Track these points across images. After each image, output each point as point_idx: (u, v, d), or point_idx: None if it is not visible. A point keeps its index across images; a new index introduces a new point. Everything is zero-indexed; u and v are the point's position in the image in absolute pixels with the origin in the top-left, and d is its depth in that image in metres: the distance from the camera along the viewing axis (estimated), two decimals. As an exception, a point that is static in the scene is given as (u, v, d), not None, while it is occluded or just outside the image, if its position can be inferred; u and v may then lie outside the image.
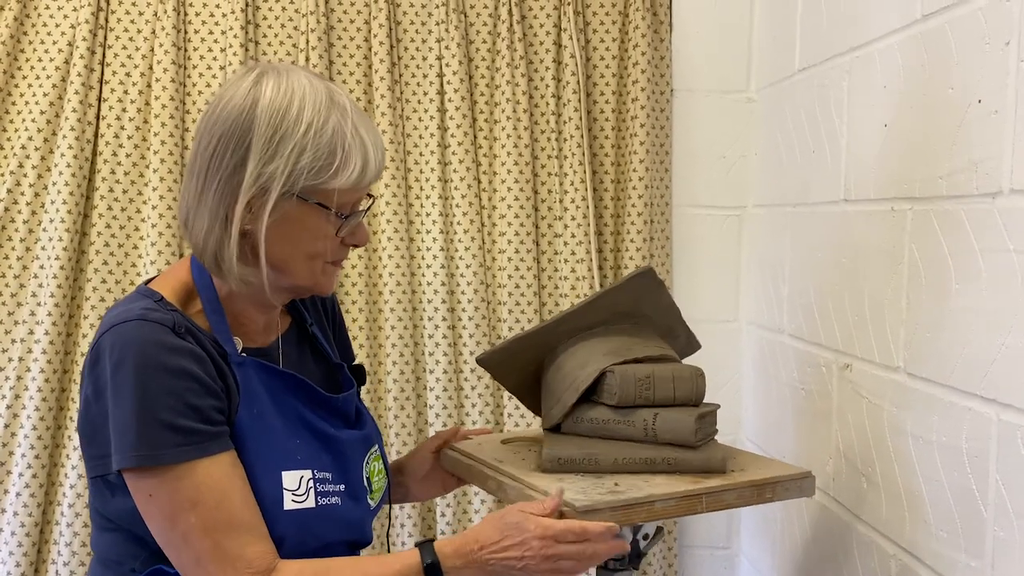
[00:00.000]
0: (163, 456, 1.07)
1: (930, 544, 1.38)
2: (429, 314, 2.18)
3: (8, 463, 2.06)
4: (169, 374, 1.08)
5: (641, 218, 2.19)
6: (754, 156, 2.25)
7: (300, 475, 1.17)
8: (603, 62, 2.23)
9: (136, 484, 1.09)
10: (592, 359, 1.43)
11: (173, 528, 1.09)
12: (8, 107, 2.13)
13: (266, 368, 1.20)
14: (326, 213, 1.16)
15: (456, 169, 2.18)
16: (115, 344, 1.09)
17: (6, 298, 2.10)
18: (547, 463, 1.37)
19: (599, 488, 1.31)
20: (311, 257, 1.19)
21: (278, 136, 1.11)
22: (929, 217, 1.39)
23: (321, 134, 1.12)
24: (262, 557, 1.11)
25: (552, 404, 1.44)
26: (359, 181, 1.16)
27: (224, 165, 1.13)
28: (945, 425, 1.34)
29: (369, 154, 1.16)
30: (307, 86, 1.14)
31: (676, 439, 1.39)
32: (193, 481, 1.08)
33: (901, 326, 1.47)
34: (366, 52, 2.19)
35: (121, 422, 1.07)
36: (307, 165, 1.12)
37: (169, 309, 1.14)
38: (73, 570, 2.02)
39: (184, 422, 1.08)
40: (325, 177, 1.13)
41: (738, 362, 2.30)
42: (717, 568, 2.34)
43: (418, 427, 2.19)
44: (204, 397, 1.10)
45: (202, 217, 1.15)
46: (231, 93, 1.15)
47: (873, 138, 1.59)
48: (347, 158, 1.14)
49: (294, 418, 1.21)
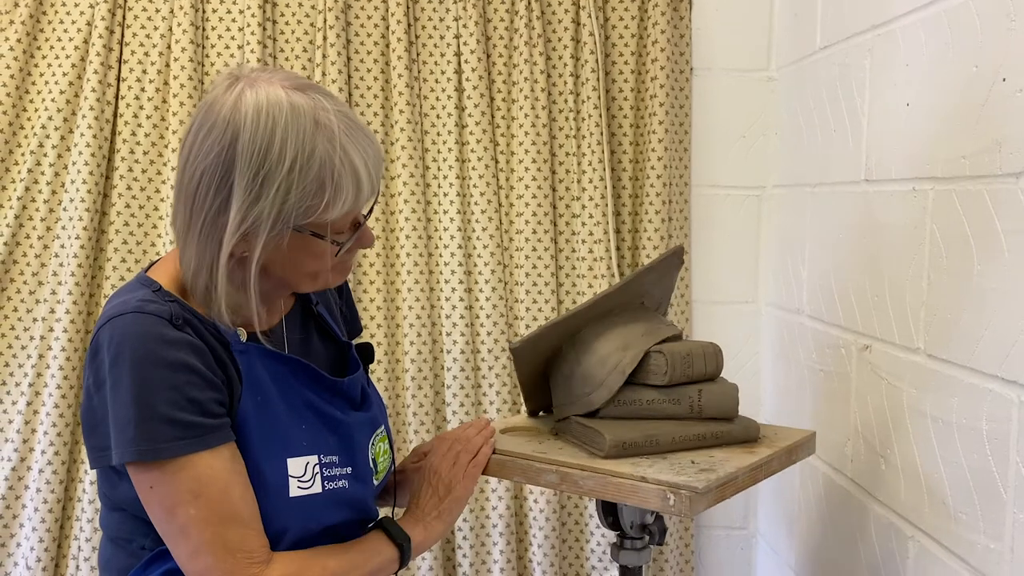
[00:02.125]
0: (162, 450, 1.06)
1: (949, 526, 1.37)
2: (447, 294, 2.18)
3: (31, 440, 2.09)
4: (167, 367, 1.07)
5: (660, 198, 2.18)
6: (774, 136, 2.23)
7: (306, 461, 1.17)
8: (622, 40, 2.21)
9: (137, 477, 1.10)
10: (632, 341, 1.43)
11: (172, 520, 1.09)
12: (26, 104, 2.14)
13: (270, 354, 1.19)
14: (322, 241, 1.13)
15: (474, 149, 2.17)
16: (113, 337, 1.07)
17: (24, 295, 2.12)
18: (612, 449, 1.34)
19: (686, 469, 1.30)
20: (313, 275, 1.18)
21: (261, 176, 1.05)
22: (951, 197, 1.38)
23: (307, 169, 1.06)
24: (261, 548, 1.12)
25: (590, 389, 1.42)
26: (353, 207, 1.12)
27: (208, 205, 1.08)
28: (965, 406, 1.33)
29: (361, 178, 1.10)
30: (287, 111, 1.06)
31: (720, 413, 1.44)
32: (193, 474, 1.08)
33: (922, 307, 1.46)
34: (383, 31, 2.18)
35: (120, 416, 1.06)
36: (295, 204, 1.07)
37: (167, 300, 1.12)
38: (95, 546, 2.05)
39: (183, 415, 1.07)
40: (317, 213, 1.08)
41: (757, 343, 2.30)
42: (734, 548, 2.35)
43: (435, 407, 2.19)
44: (203, 390, 1.09)
45: (189, 253, 1.11)
46: (212, 118, 1.08)
47: (895, 117, 1.57)
48: (337, 189, 1.08)
49: (299, 403, 1.20)
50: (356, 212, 1.15)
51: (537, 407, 1.61)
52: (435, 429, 2.18)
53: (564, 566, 2.24)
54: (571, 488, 1.35)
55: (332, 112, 1.09)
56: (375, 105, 2.18)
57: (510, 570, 2.18)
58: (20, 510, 2.09)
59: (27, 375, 2.10)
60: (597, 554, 2.22)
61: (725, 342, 2.26)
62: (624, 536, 1.49)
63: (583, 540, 2.24)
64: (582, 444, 1.41)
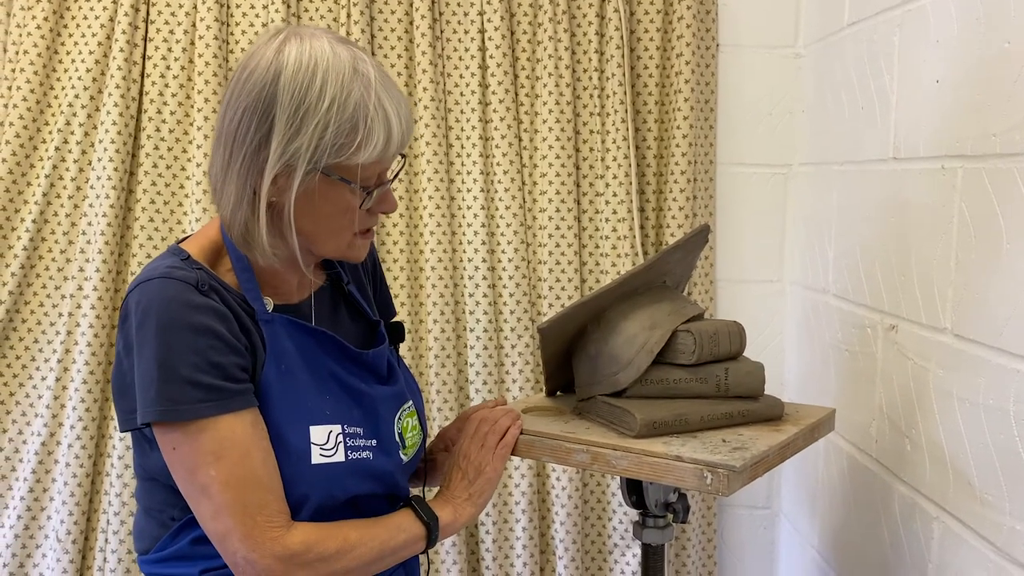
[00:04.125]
0: (184, 411, 1.09)
1: (974, 507, 1.36)
2: (470, 272, 2.18)
3: (60, 415, 2.12)
4: (191, 331, 1.09)
5: (684, 176, 2.17)
6: (801, 113, 2.21)
7: (329, 430, 1.18)
8: (647, 17, 2.19)
9: (161, 438, 1.12)
10: (659, 320, 1.43)
11: (194, 481, 1.11)
12: (53, 82, 2.15)
13: (295, 324, 1.21)
14: (350, 187, 1.15)
15: (497, 127, 2.17)
16: (140, 301, 1.11)
17: (53, 272, 2.14)
18: (643, 428, 1.34)
19: (719, 448, 1.31)
20: (338, 230, 1.19)
21: (301, 112, 1.10)
22: (981, 176, 1.36)
23: (344, 109, 1.10)
24: (282, 512, 1.13)
25: (617, 369, 1.41)
26: (383, 155, 1.14)
27: (249, 140, 1.12)
28: (992, 387, 1.32)
29: (392, 126, 1.14)
30: (330, 56, 1.11)
31: (747, 391, 1.45)
32: (215, 435, 1.10)
33: (949, 287, 1.45)
34: (407, 7, 2.17)
35: (144, 377, 1.09)
36: (330, 141, 1.11)
37: (195, 267, 1.15)
38: (124, 519, 2.08)
39: (205, 378, 1.09)
40: (348, 153, 1.12)
41: (782, 323, 2.28)
42: (756, 528, 2.35)
43: (459, 385, 2.20)
44: (226, 354, 1.11)
45: (229, 191, 1.15)
46: (255, 62, 1.13)
47: (924, 94, 1.55)
48: (369, 132, 1.12)
49: (324, 374, 1.22)
50: (384, 163, 1.18)
51: (556, 387, 1.61)
52: (458, 407, 2.19)
53: (586, 543, 2.25)
54: (603, 468, 1.34)
55: (371, 64, 1.14)
56: (399, 82, 2.17)
57: (532, 547, 2.19)
58: (50, 484, 2.12)
59: (56, 351, 2.13)
60: (619, 532, 2.23)
61: (750, 321, 2.26)
62: (647, 514, 1.49)
63: (605, 518, 2.25)
64: (609, 424, 1.41)
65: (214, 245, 1.21)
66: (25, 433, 2.14)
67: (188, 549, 1.18)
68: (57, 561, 2.09)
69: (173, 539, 1.19)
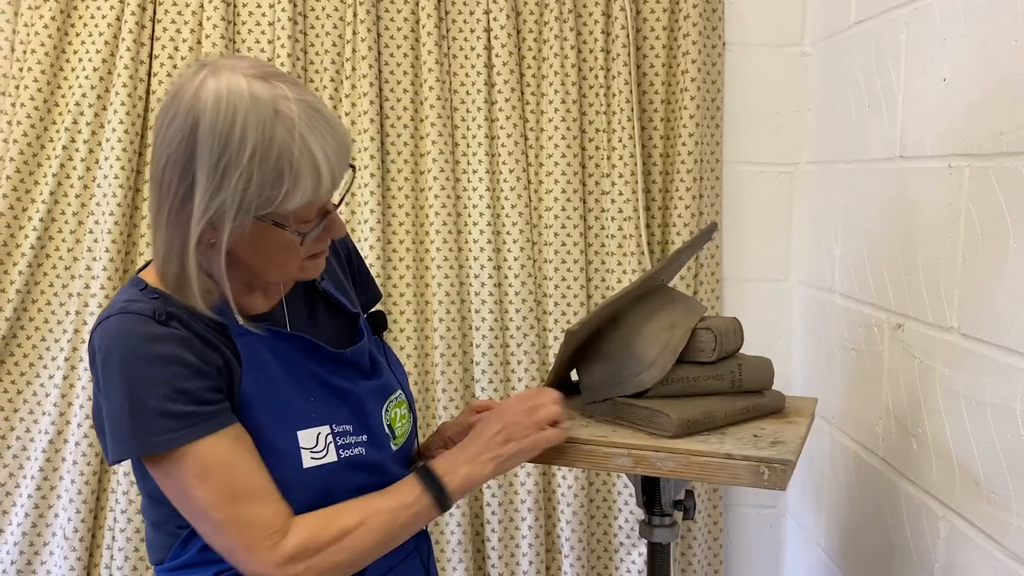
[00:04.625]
0: (159, 443, 1.09)
1: (980, 506, 1.36)
2: (475, 271, 2.18)
3: (67, 413, 2.12)
4: (153, 363, 1.09)
5: (691, 175, 2.17)
6: (808, 112, 2.20)
7: (316, 432, 1.18)
8: (653, 15, 2.19)
9: (150, 469, 1.14)
10: (677, 319, 1.43)
11: (189, 504, 1.13)
12: (60, 81, 2.15)
13: (270, 333, 1.20)
14: (286, 231, 1.13)
15: (503, 126, 2.17)
16: (101, 341, 1.11)
17: (60, 271, 2.15)
18: (680, 428, 1.34)
19: (760, 442, 1.32)
20: (283, 263, 1.17)
21: (222, 165, 1.05)
22: (988, 174, 1.35)
23: (266, 158, 1.06)
24: (277, 517, 1.13)
25: (640, 369, 1.40)
26: (314, 197, 1.10)
27: (174, 193, 1.09)
28: (999, 386, 1.31)
29: (321, 169, 1.08)
30: (248, 99, 1.06)
31: (758, 385, 1.47)
32: (196, 459, 1.10)
33: (956, 286, 1.44)
34: (413, 6, 2.17)
35: (117, 416, 1.10)
36: (255, 193, 1.07)
37: (152, 297, 1.14)
38: (130, 518, 2.08)
39: (175, 407, 1.09)
40: (276, 202, 1.08)
41: (788, 322, 2.28)
42: (762, 527, 2.34)
43: (464, 383, 2.20)
44: (192, 380, 1.11)
45: (159, 239, 1.13)
46: (176, 105, 1.08)
47: (931, 93, 1.55)
48: (296, 180, 1.07)
49: (306, 377, 1.22)
50: (320, 202, 1.14)
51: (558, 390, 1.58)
52: (464, 405, 2.19)
53: (592, 542, 2.25)
54: (647, 470, 1.32)
55: (293, 101, 1.08)
56: (404, 82, 2.17)
57: (538, 546, 2.19)
58: (57, 481, 2.13)
59: (63, 349, 2.13)
60: (625, 531, 2.23)
61: (756, 320, 2.26)
62: (653, 513, 1.49)
63: (611, 517, 2.25)
64: (633, 425, 1.39)
65: None
66: (32, 431, 2.15)
67: (198, 556, 1.19)
68: (64, 559, 2.10)
69: (183, 548, 1.21)
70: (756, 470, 1.25)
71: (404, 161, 2.19)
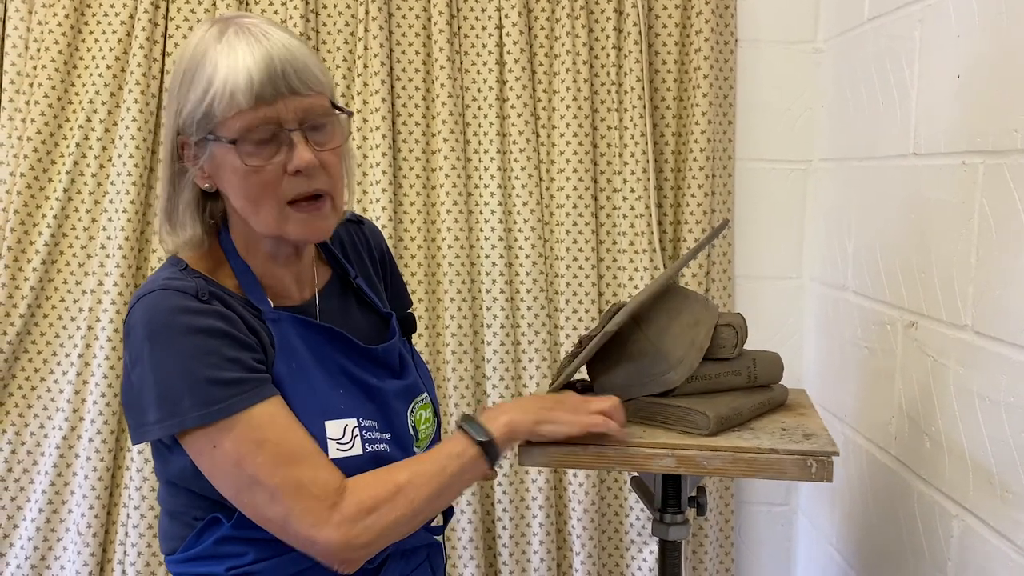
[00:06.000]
0: (218, 411, 1.10)
1: (994, 505, 1.36)
2: (487, 268, 2.18)
3: (80, 410, 2.13)
4: (201, 334, 1.10)
5: (703, 172, 2.16)
6: (821, 108, 2.19)
7: (344, 424, 1.18)
8: (665, 12, 2.18)
9: (197, 442, 1.12)
10: (700, 316, 1.44)
11: (241, 473, 1.11)
12: (73, 79, 2.16)
13: (302, 322, 1.21)
14: (229, 146, 1.14)
15: (515, 123, 2.17)
16: (143, 315, 1.12)
17: (74, 267, 2.16)
18: (716, 425, 1.34)
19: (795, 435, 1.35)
20: (256, 199, 1.16)
21: (174, 93, 1.17)
22: (1002, 171, 1.35)
23: (190, 69, 1.14)
24: (333, 477, 1.13)
25: (667, 368, 1.39)
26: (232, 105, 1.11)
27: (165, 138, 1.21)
28: (1014, 385, 1.31)
29: (236, 72, 1.11)
30: (197, 36, 1.16)
31: (770, 379, 1.51)
32: (253, 424, 1.11)
33: (969, 283, 1.44)
34: (425, 4, 2.17)
35: (168, 389, 1.10)
36: (194, 108, 1.13)
37: (193, 276, 1.16)
38: (144, 513, 2.09)
39: (228, 375, 1.10)
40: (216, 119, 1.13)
41: (800, 319, 2.27)
42: (774, 525, 2.34)
43: (476, 380, 2.20)
44: (240, 350, 1.12)
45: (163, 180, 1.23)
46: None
47: (945, 90, 1.54)
48: (209, 85, 1.12)
49: (336, 369, 1.22)
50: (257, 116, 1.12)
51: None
52: (475, 403, 2.20)
53: (603, 540, 2.25)
54: (692, 469, 1.31)
55: (239, 27, 1.14)
56: (416, 79, 2.18)
57: (549, 543, 2.19)
58: (71, 477, 2.14)
59: (76, 346, 2.14)
60: (637, 528, 2.22)
61: (769, 318, 2.25)
62: (668, 511, 1.49)
63: (623, 514, 2.25)
64: (665, 424, 1.38)
65: (213, 252, 1.23)
66: (46, 427, 2.16)
67: (212, 548, 1.19)
68: (78, 554, 2.11)
69: (198, 539, 1.20)
70: (803, 464, 1.27)
71: (416, 158, 2.19)
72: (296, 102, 1.14)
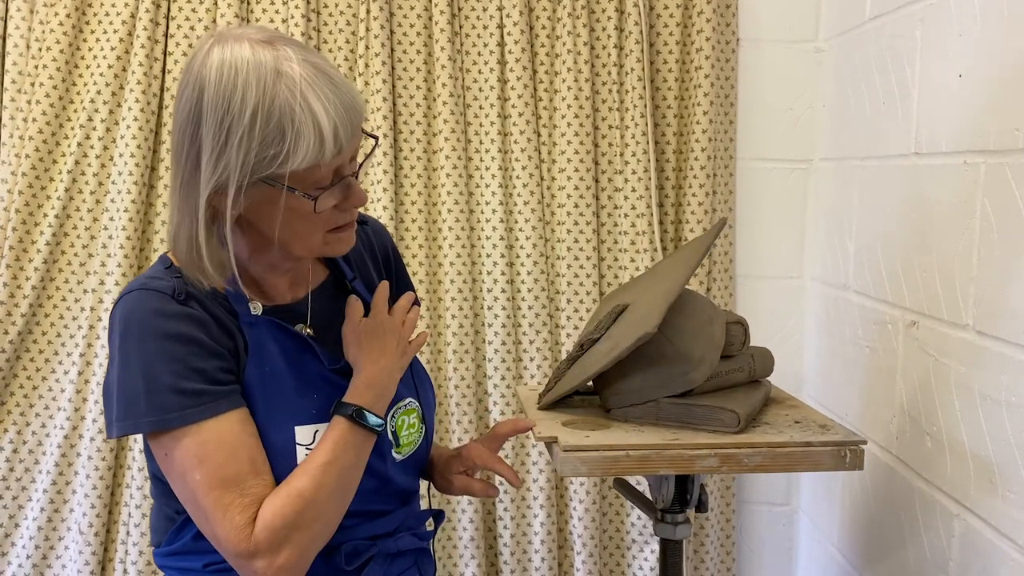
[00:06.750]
0: (172, 419, 1.10)
1: (995, 504, 1.36)
2: (488, 268, 2.18)
3: (82, 409, 2.14)
4: (169, 340, 1.10)
5: (704, 172, 2.16)
6: (822, 108, 2.19)
7: (314, 429, 1.18)
8: (667, 11, 2.18)
9: (154, 447, 1.14)
10: (710, 314, 1.44)
11: (184, 487, 1.12)
12: (75, 78, 2.16)
13: (279, 328, 1.21)
14: (295, 194, 1.11)
15: (516, 123, 2.17)
16: (120, 314, 1.13)
17: (75, 267, 2.16)
18: (745, 422, 1.35)
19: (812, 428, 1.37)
20: (304, 234, 1.16)
21: (225, 126, 1.06)
22: (1004, 170, 1.35)
23: (269, 117, 1.06)
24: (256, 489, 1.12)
25: (689, 368, 1.38)
26: (318, 157, 1.08)
27: (185, 159, 1.11)
28: (1016, 384, 1.31)
29: (323, 126, 1.07)
30: (250, 61, 1.07)
31: (764, 373, 1.54)
32: (199, 439, 1.10)
33: (971, 283, 1.44)
34: (426, 3, 2.17)
35: (130, 390, 1.10)
36: (258, 151, 1.07)
37: (174, 275, 1.15)
38: (145, 512, 2.09)
39: (188, 384, 1.10)
40: (279, 162, 1.07)
41: (801, 319, 2.27)
42: (775, 525, 2.34)
43: (476, 380, 2.20)
44: (207, 359, 1.12)
45: (174, 209, 1.14)
46: (185, 78, 1.11)
47: (946, 89, 1.54)
48: (298, 136, 1.06)
49: (312, 374, 1.21)
50: (330, 164, 1.12)
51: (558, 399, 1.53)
52: (476, 402, 2.20)
53: (604, 539, 2.25)
54: (733, 468, 1.31)
55: (297, 62, 1.08)
56: (417, 79, 2.18)
57: (550, 542, 2.19)
58: (72, 476, 2.14)
59: (78, 345, 2.14)
60: (638, 528, 2.22)
61: (770, 317, 2.25)
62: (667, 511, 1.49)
63: (624, 514, 2.25)
64: (689, 424, 1.38)
65: None
66: (48, 426, 2.16)
67: (191, 544, 1.20)
68: (79, 553, 2.11)
69: (178, 534, 1.21)
70: (838, 454, 1.31)
71: (417, 158, 2.19)
72: (355, 142, 1.14)
